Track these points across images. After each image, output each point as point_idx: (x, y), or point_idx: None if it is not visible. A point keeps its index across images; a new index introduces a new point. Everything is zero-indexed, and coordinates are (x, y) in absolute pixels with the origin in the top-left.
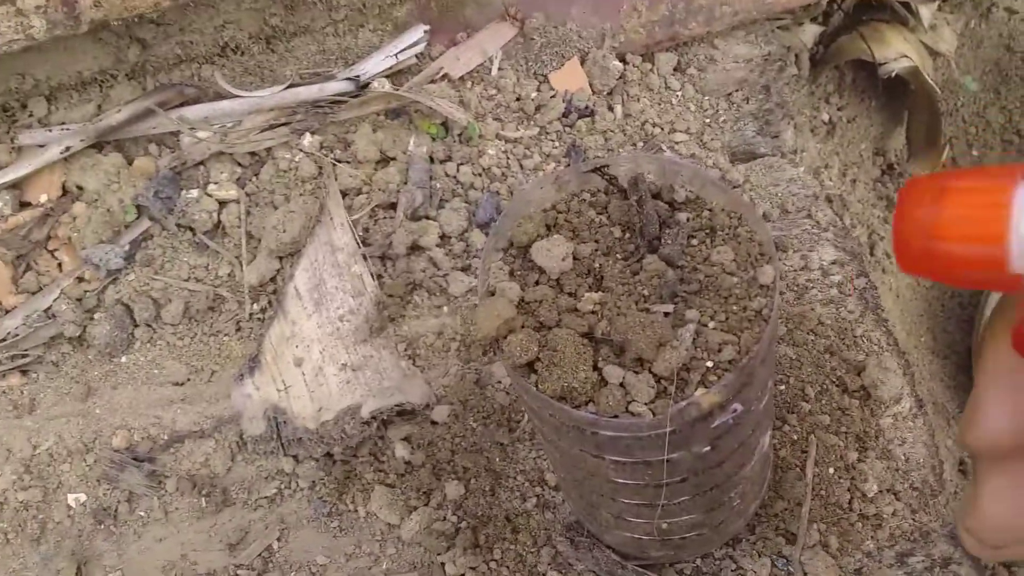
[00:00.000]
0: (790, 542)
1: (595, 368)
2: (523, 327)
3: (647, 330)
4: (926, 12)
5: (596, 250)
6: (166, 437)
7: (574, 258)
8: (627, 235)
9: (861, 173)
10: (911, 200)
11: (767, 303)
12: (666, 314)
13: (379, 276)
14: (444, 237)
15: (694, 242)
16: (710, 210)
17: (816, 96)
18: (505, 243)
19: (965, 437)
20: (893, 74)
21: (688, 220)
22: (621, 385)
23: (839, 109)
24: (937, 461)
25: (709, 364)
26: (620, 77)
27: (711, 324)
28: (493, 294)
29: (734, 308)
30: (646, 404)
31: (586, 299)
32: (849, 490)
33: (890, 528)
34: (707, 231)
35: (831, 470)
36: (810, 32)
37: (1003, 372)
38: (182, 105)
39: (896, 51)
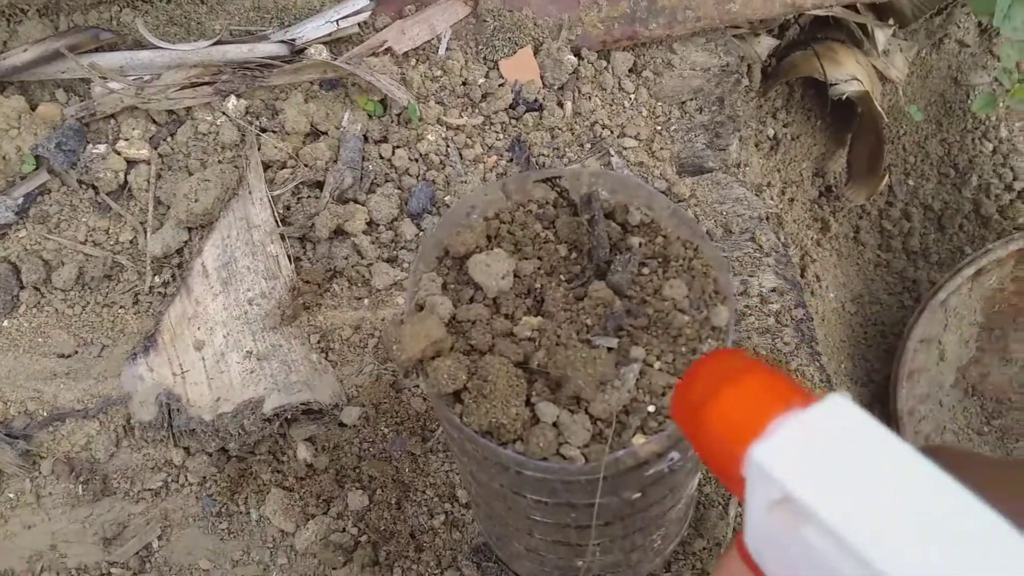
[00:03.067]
0: None
1: (527, 403)
2: (452, 350)
3: (588, 366)
4: (881, 36)
5: (539, 268)
6: (45, 414)
7: (514, 276)
8: (573, 255)
9: (799, 193)
10: (698, 373)
11: (719, 348)
12: (609, 349)
13: (297, 259)
14: (372, 224)
15: (645, 271)
16: (664, 236)
17: (764, 110)
18: (440, 251)
19: None
20: (844, 96)
21: (640, 246)
22: (554, 425)
23: (785, 126)
24: None
25: (651, 409)
26: (573, 72)
27: (657, 364)
28: (422, 308)
29: (683, 349)
30: (579, 448)
31: (524, 323)
32: None
33: None
34: (660, 260)
35: None
36: (765, 44)
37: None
38: (96, 51)
39: (848, 73)
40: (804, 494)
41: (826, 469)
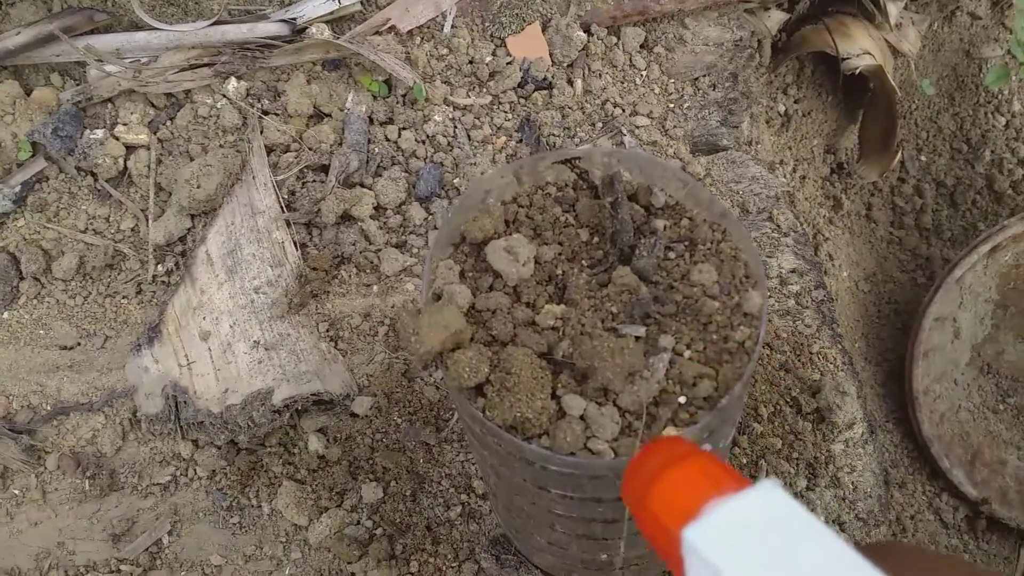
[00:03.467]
0: None
1: (553, 396)
2: (472, 341)
3: (616, 356)
4: (894, 9)
5: (560, 254)
6: (49, 407)
7: (535, 262)
8: (595, 239)
9: (811, 170)
10: (645, 458)
11: (752, 335)
12: (637, 338)
13: (303, 246)
14: (379, 208)
15: (671, 255)
16: (690, 219)
17: (774, 86)
18: (456, 237)
19: None
20: (856, 71)
21: (666, 229)
22: (581, 418)
23: (796, 102)
24: (883, 490)
25: (682, 400)
26: (583, 49)
27: (687, 353)
28: (439, 297)
29: (714, 337)
30: (608, 442)
31: (546, 312)
32: None
33: None
34: (686, 244)
35: None
36: (775, 18)
37: None
38: (91, 33)
39: (860, 47)
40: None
41: (754, 552)
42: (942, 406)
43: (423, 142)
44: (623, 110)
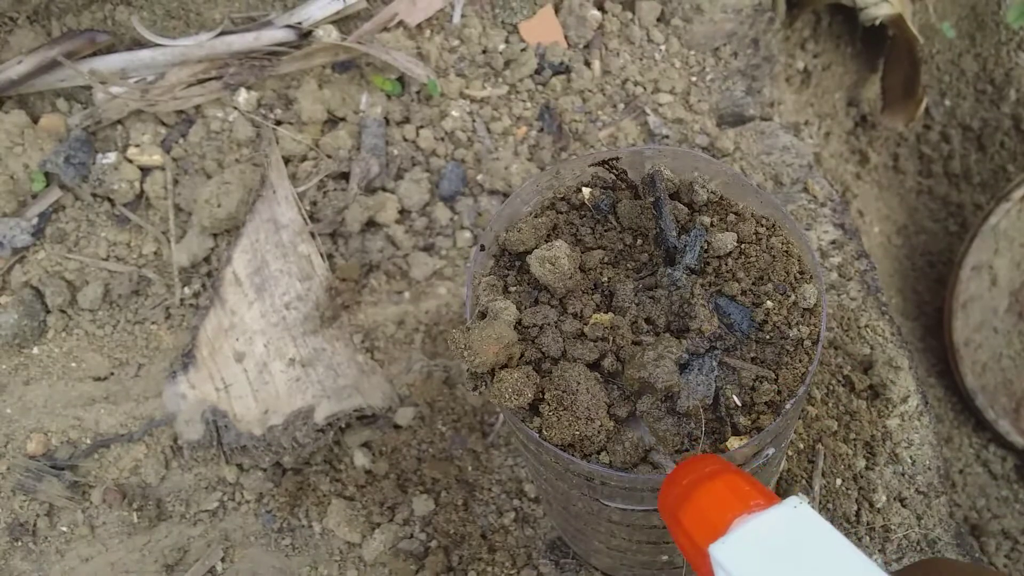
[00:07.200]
0: None
1: (609, 410)
2: (522, 358)
3: (668, 363)
4: None
5: (603, 259)
6: (89, 441)
7: (579, 270)
8: (639, 242)
9: (835, 126)
10: (679, 475)
11: (811, 332)
12: (690, 344)
13: (330, 257)
14: (404, 212)
15: (717, 252)
16: (737, 214)
17: (792, 42)
18: (496, 250)
19: None
20: (877, 22)
21: (712, 226)
22: (639, 431)
23: (815, 56)
24: (942, 460)
25: (739, 404)
26: (598, 28)
27: (743, 356)
28: (484, 315)
29: (769, 337)
30: (668, 454)
31: (595, 322)
32: (857, 501)
33: (897, 540)
34: (739, 244)
35: (839, 481)
36: None
37: None
38: (94, 55)
39: None
40: None
41: (778, 569)
42: (984, 356)
43: (442, 139)
44: (644, 88)
